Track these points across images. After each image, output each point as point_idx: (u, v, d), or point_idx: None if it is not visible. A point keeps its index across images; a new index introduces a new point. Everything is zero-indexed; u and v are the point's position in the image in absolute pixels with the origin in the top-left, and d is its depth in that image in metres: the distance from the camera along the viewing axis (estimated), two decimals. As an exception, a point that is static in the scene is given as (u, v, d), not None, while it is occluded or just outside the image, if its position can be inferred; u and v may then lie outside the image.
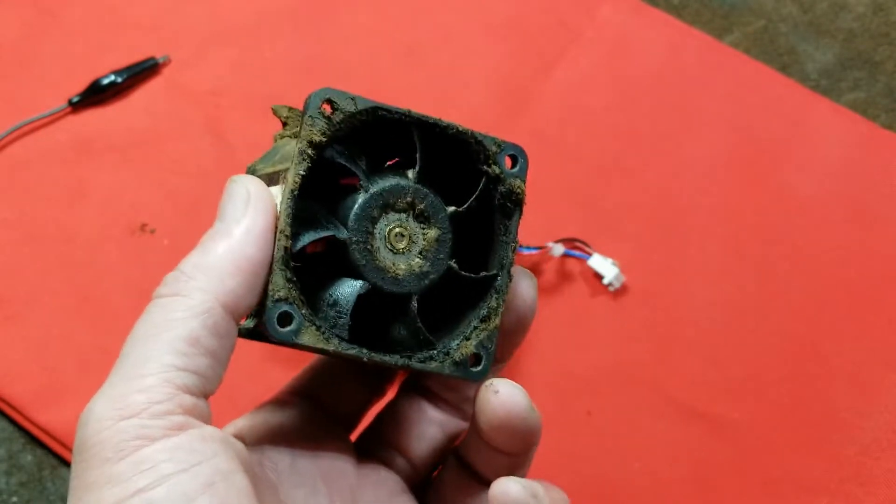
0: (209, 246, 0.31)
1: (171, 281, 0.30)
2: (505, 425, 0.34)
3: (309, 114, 0.32)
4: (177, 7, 0.73)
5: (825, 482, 0.58)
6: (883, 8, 0.74)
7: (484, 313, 0.36)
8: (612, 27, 0.72)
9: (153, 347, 0.29)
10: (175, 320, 0.29)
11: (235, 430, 0.36)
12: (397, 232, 0.33)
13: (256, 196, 0.31)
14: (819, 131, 0.68)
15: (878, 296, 0.63)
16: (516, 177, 0.38)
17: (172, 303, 0.29)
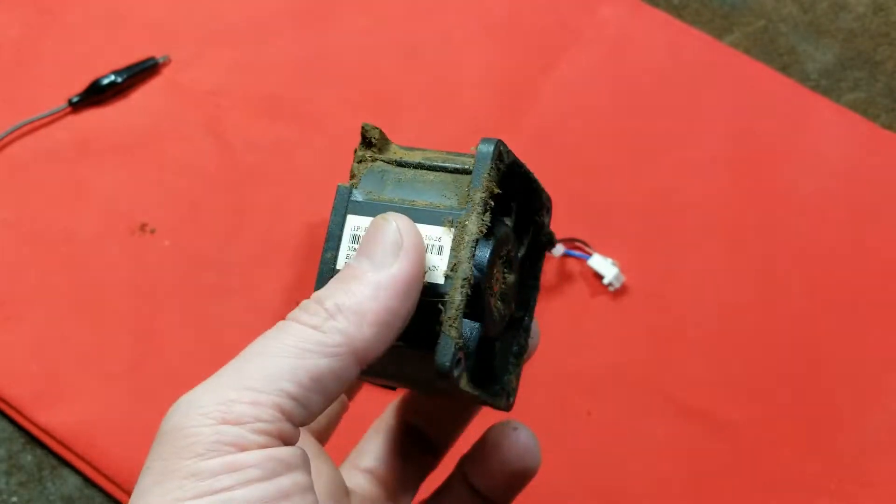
0: (354, 288, 0.29)
1: (312, 312, 0.29)
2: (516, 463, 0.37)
3: (491, 164, 0.32)
4: (177, 7, 0.73)
5: (825, 482, 0.58)
6: (883, 8, 0.74)
7: (516, 350, 0.38)
8: (612, 27, 0.72)
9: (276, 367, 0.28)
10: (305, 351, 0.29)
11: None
12: (496, 278, 0.34)
13: (410, 242, 0.30)
14: (819, 131, 0.68)
15: (878, 296, 0.63)
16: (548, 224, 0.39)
17: (308, 333, 0.29)
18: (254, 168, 0.67)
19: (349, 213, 0.32)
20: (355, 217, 0.32)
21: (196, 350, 0.61)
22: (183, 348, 0.61)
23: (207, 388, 0.28)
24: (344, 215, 0.32)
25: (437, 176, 0.34)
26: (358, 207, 0.32)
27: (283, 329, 0.29)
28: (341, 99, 0.70)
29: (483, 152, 0.32)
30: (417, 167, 0.34)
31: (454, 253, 0.31)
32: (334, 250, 0.32)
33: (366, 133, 0.34)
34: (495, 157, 0.32)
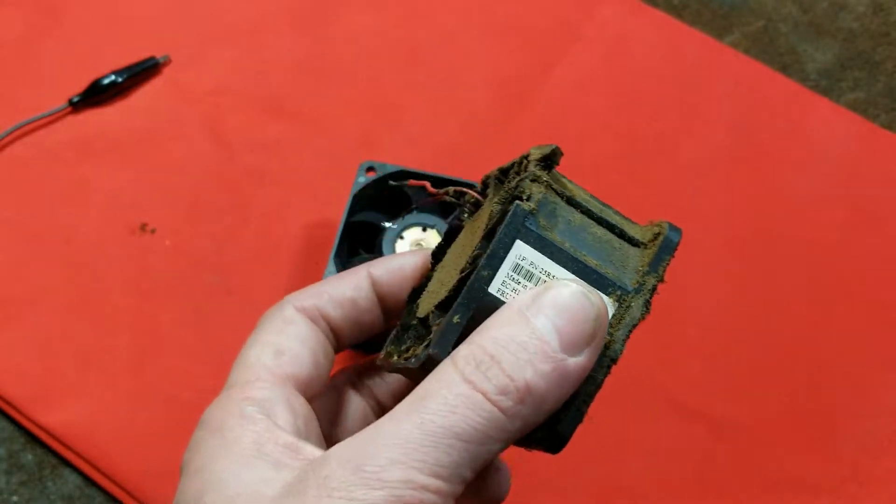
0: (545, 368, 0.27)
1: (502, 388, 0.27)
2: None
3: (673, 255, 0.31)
4: (177, 7, 0.73)
5: (825, 482, 0.58)
6: (883, 8, 0.74)
7: None
8: (612, 27, 0.73)
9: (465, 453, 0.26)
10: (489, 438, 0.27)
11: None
12: None
13: (602, 335, 0.28)
14: (819, 131, 0.68)
15: (877, 296, 0.63)
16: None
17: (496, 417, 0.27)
18: (254, 168, 0.67)
19: (519, 239, 0.29)
20: (524, 246, 0.29)
21: (196, 349, 0.61)
22: (183, 348, 0.61)
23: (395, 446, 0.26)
24: (514, 239, 0.29)
25: (604, 233, 0.31)
26: (530, 237, 0.29)
27: (473, 403, 0.26)
28: (341, 99, 0.70)
29: (670, 241, 0.31)
30: (585, 213, 0.31)
31: (611, 330, 0.30)
32: (492, 270, 0.29)
33: (553, 155, 0.31)
34: (675, 247, 0.31)
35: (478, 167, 0.67)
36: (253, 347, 0.32)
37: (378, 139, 0.68)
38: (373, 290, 0.34)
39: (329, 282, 0.34)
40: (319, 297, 0.33)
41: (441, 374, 0.27)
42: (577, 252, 0.30)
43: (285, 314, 0.33)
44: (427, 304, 0.32)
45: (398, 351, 0.33)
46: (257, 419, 0.29)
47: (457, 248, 0.34)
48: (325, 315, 0.33)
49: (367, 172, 0.59)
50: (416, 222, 0.58)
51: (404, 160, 0.66)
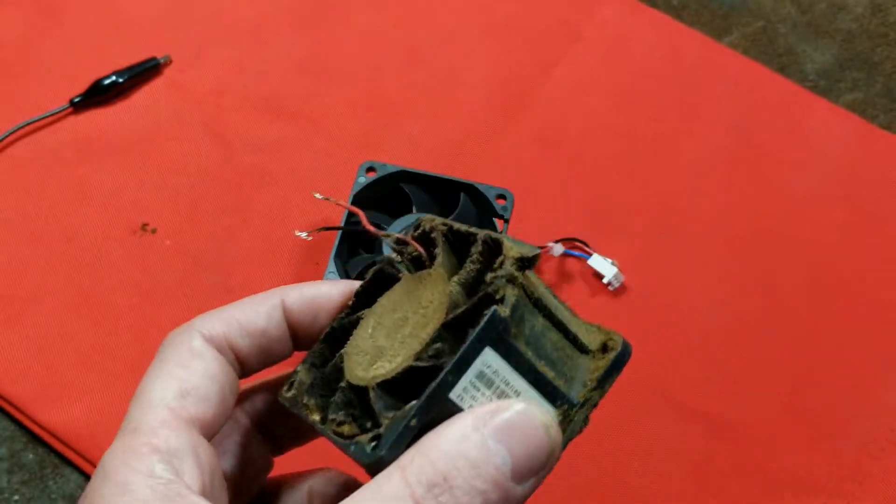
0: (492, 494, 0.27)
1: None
2: None
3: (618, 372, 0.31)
4: (178, 7, 0.73)
5: (824, 481, 0.58)
6: (881, 9, 0.74)
7: None
8: (612, 28, 0.73)
9: None
10: None
11: None
12: None
13: (552, 464, 0.29)
14: (817, 132, 0.68)
15: (876, 295, 0.63)
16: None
17: None
18: (255, 168, 0.68)
19: (489, 347, 0.28)
20: (492, 353, 0.28)
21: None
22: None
23: None
24: (485, 346, 0.28)
25: (559, 339, 0.30)
26: (500, 346, 0.28)
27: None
28: (341, 99, 0.70)
29: (621, 360, 0.30)
30: (546, 316, 0.30)
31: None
32: (457, 376, 0.28)
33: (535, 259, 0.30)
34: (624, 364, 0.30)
35: (478, 167, 0.68)
36: (156, 382, 0.31)
37: (378, 139, 0.69)
38: (284, 320, 0.32)
39: (240, 306, 0.32)
40: (229, 324, 0.32)
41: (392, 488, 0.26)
42: (537, 362, 0.29)
43: (193, 345, 0.31)
44: (358, 366, 0.31)
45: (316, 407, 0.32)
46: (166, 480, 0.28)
47: (393, 303, 0.32)
48: (233, 345, 0.32)
49: (368, 172, 0.59)
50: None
51: (404, 160, 0.66)
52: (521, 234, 0.64)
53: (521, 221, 0.65)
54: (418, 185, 0.59)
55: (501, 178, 0.67)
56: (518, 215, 0.64)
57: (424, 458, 0.26)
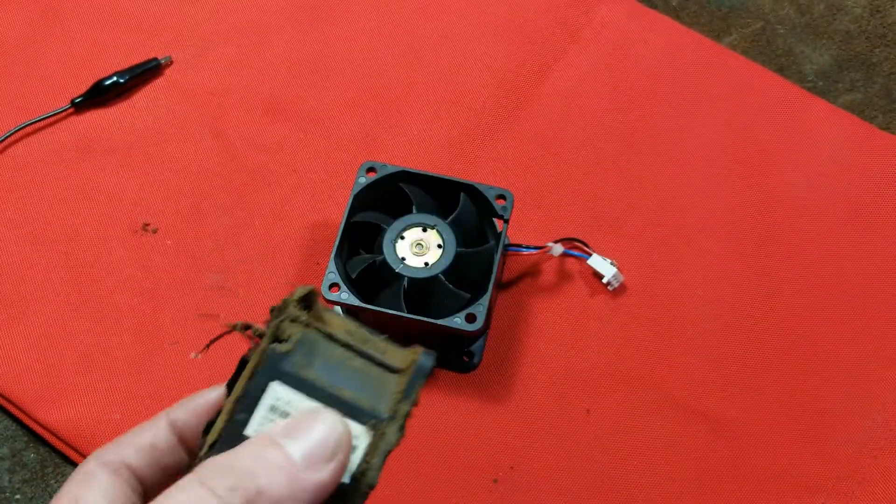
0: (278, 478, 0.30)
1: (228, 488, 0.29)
2: None
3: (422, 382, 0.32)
4: (179, 8, 0.73)
5: (823, 480, 0.58)
6: (880, 10, 0.74)
7: None
8: (611, 28, 0.73)
9: None
10: None
11: None
12: None
13: (343, 456, 0.31)
14: (816, 132, 0.69)
15: (875, 295, 0.63)
16: None
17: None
18: (255, 168, 0.68)
19: (274, 380, 0.31)
20: (280, 386, 0.31)
21: (197, 349, 0.61)
22: (184, 347, 0.62)
23: None
24: (268, 380, 0.31)
25: (363, 364, 0.33)
26: (286, 378, 0.31)
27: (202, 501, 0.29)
28: (341, 99, 0.70)
29: (422, 367, 0.32)
30: (345, 346, 0.33)
31: (366, 458, 0.31)
32: (248, 413, 0.31)
33: (311, 296, 0.33)
34: (429, 374, 0.32)
35: (478, 167, 0.68)
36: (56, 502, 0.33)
37: (378, 139, 0.69)
38: (172, 432, 0.35)
39: (131, 432, 0.36)
40: (120, 447, 0.35)
41: (183, 482, 0.29)
42: (332, 387, 0.31)
43: (87, 468, 0.34)
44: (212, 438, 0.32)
45: None
46: None
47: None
48: (127, 464, 0.34)
49: (368, 173, 0.59)
50: (417, 222, 0.58)
51: (404, 160, 0.66)
52: (521, 234, 0.65)
53: (521, 221, 0.65)
54: (418, 185, 0.60)
55: (501, 178, 0.67)
56: (518, 215, 0.64)
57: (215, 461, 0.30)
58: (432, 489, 0.58)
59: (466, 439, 0.59)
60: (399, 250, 0.57)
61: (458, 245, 0.57)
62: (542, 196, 0.67)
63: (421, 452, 0.59)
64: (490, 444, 0.59)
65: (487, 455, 0.59)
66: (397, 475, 0.58)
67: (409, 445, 0.59)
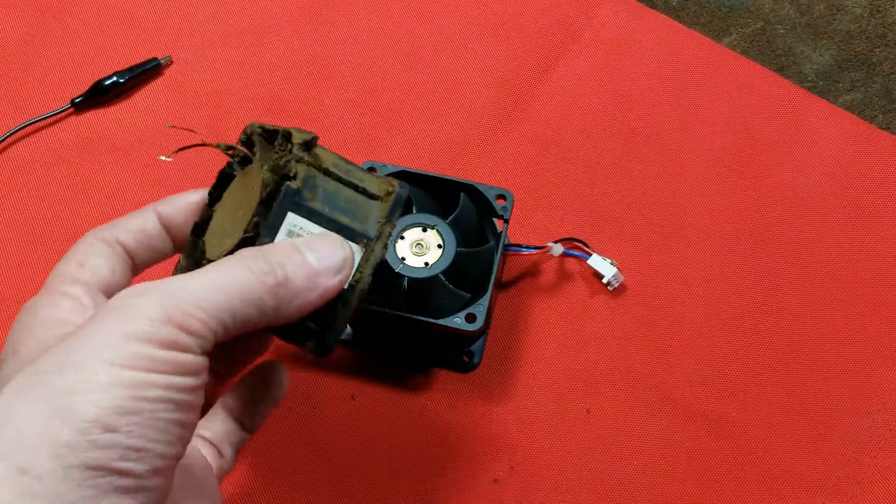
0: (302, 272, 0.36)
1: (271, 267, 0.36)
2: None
3: (401, 208, 0.41)
4: (179, 8, 0.74)
5: (822, 480, 0.58)
6: (880, 10, 0.74)
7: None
8: (611, 28, 0.73)
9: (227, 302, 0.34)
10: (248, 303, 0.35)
11: None
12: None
13: (347, 272, 0.38)
14: (816, 132, 0.69)
15: (874, 295, 0.63)
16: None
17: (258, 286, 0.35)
18: (255, 168, 0.68)
19: (290, 212, 0.38)
20: (294, 216, 0.38)
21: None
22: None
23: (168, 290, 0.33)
24: (286, 212, 0.38)
25: (352, 194, 0.40)
26: (299, 210, 0.38)
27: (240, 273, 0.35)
28: (341, 99, 0.70)
29: (400, 197, 0.41)
30: (337, 180, 0.40)
31: (360, 269, 0.39)
32: (270, 236, 0.38)
33: (313, 142, 0.39)
34: (405, 201, 0.41)
35: (478, 167, 0.68)
36: (60, 264, 0.39)
37: (378, 139, 0.69)
38: (159, 221, 0.41)
39: (123, 218, 0.41)
40: (114, 226, 0.41)
41: (221, 261, 0.35)
42: (333, 214, 0.39)
43: (86, 241, 0.40)
44: (213, 245, 0.40)
45: None
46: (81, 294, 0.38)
47: (233, 195, 0.41)
48: (119, 241, 0.40)
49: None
50: (417, 222, 0.58)
51: (404, 160, 0.66)
52: (521, 234, 0.65)
53: (521, 221, 0.65)
54: (418, 185, 0.60)
55: (501, 178, 0.67)
56: (518, 215, 0.64)
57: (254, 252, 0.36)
58: (432, 489, 0.58)
59: (466, 439, 0.59)
60: (399, 250, 0.57)
61: (458, 245, 0.57)
62: (542, 196, 0.67)
63: (421, 452, 0.59)
64: (490, 444, 0.59)
65: (487, 455, 0.59)
66: (397, 475, 0.58)
67: (409, 445, 0.60)
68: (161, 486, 0.32)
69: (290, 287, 0.36)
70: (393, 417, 0.60)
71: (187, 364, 0.32)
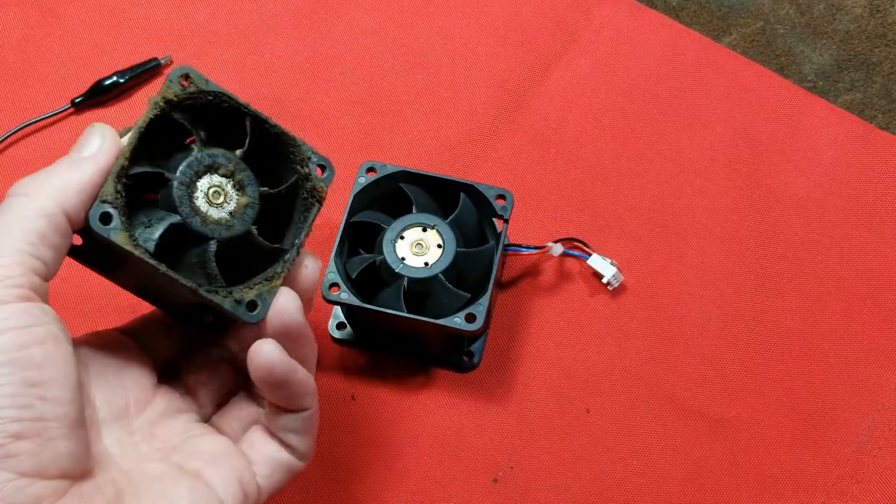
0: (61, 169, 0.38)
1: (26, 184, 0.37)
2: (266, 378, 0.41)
3: (169, 78, 0.40)
4: (179, 8, 0.74)
5: (822, 480, 0.58)
6: (880, 9, 0.74)
7: (270, 274, 0.43)
8: (610, 28, 0.73)
9: (9, 233, 0.35)
10: (27, 218, 0.36)
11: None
12: (215, 189, 0.41)
13: (110, 139, 0.39)
14: (816, 132, 0.69)
15: (874, 295, 0.63)
16: (321, 181, 0.46)
17: (25, 204, 0.36)
18: (255, 168, 0.68)
19: None
20: None
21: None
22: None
23: None
24: None
25: None
26: None
27: (8, 205, 0.36)
28: (341, 99, 0.70)
29: (174, 70, 0.41)
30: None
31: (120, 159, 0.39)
32: None
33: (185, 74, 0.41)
34: (175, 75, 0.41)
35: (478, 167, 0.68)
36: None
37: (378, 139, 0.69)
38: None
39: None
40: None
41: None
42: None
43: None
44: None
45: None
46: None
47: None
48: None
49: (368, 173, 0.59)
50: (417, 222, 0.58)
51: (404, 160, 0.66)
52: (521, 234, 0.65)
53: (521, 221, 0.65)
54: (418, 185, 0.60)
55: (501, 178, 0.67)
56: (518, 215, 0.65)
57: None
58: (432, 489, 0.58)
59: (466, 439, 0.59)
60: (399, 250, 0.57)
61: (458, 245, 0.57)
62: (542, 196, 0.67)
63: (421, 452, 0.59)
64: (490, 444, 0.59)
65: (487, 455, 0.59)
66: (397, 475, 0.58)
67: (409, 445, 0.60)
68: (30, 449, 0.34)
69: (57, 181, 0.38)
70: (393, 417, 0.60)
71: None
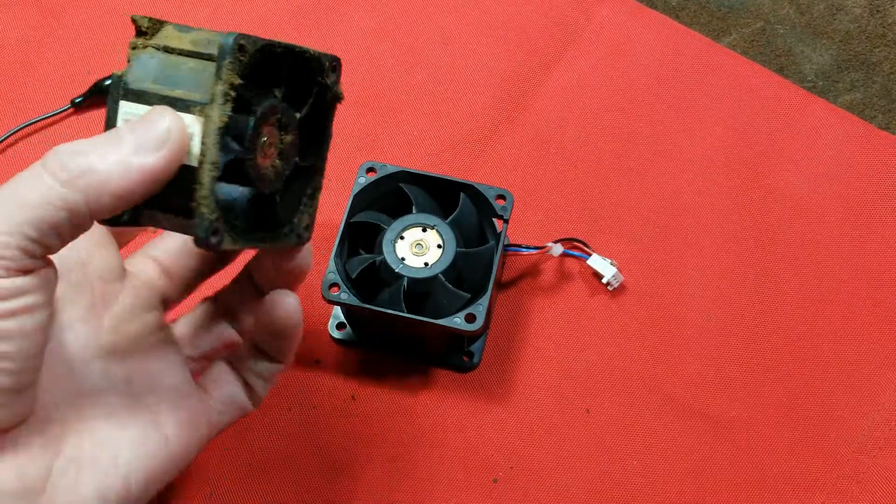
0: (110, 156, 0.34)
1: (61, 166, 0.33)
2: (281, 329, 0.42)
3: (230, 59, 0.35)
4: (178, 9, 0.74)
5: (822, 480, 0.58)
6: (879, 9, 0.74)
7: (309, 192, 0.44)
8: (610, 28, 0.73)
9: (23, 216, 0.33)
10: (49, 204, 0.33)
11: None
12: (269, 142, 0.39)
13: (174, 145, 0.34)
14: (816, 132, 0.69)
15: (874, 295, 0.63)
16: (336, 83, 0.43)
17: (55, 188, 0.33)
18: (255, 168, 0.68)
19: (122, 100, 0.36)
20: (127, 104, 0.36)
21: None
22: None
23: None
24: (117, 101, 0.36)
25: (196, 63, 0.37)
26: (129, 94, 0.36)
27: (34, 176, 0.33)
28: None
29: (223, 47, 0.35)
30: (180, 53, 0.37)
31: (203, 140, 0.35)
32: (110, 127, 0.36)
33: (136, 23, 0.38)
34: (234, 50, 0.35)
35: (478, 167, 0.68)
36: None
37: (378, 139, 0.69)
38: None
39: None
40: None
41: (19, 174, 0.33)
42: (164, 90, 0.36)
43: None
44: None
45: None
46: None
47: None
48: None
49: (368, 173, 0.59)
50: (416, 222, 0.58)
51: (404, 160, 0.66)
52: (521, 234, 0.65)
53: (521, 221, 0.65)
54: (418, 185, 0.60)
55: (501, 178, 0.67)
56: (518, 215, 0.65)
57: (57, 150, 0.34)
58: (432, 489, 0.58)
59: (466, 439, 0.59)
60: (399, 250, 0.57)
61: (458, 245, 0.57)
62: (542, 196, 0.67)
63: (421, 452, 0.59)
64: (490, 444, 0.59)
65: (487, 455, 0.59)
66: (397, 475, 0.58)
67: (409, 445, 0.60)
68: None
69: (96, 175, 0.33)
70: (393, 417, 0.60)
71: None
